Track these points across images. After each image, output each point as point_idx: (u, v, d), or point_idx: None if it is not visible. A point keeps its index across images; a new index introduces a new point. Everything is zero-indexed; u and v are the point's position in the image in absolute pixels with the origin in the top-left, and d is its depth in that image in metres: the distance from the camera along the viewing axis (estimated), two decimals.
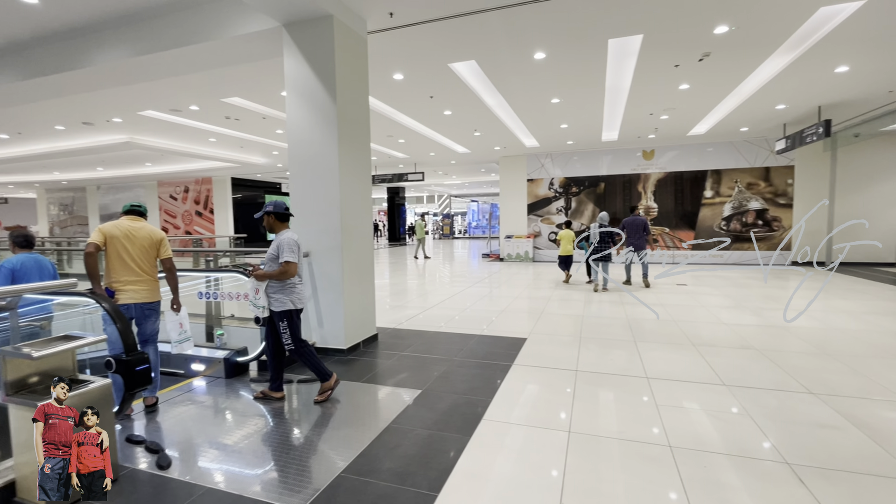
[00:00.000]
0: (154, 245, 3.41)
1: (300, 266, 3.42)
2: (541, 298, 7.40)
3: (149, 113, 8.35)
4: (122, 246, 3.24)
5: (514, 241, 13.54)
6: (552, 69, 6.27)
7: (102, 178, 18.26)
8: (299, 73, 4.35)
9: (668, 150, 12.30)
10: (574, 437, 2.70)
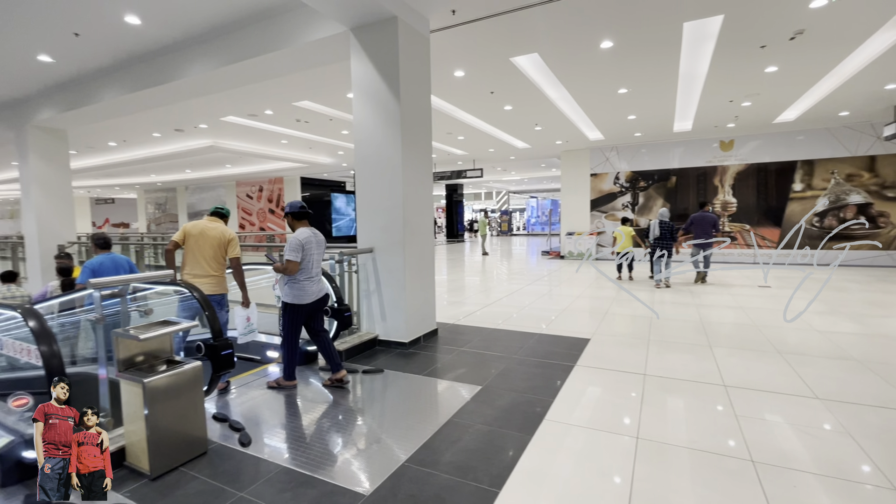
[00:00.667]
0: (223, 244, 3.71)
1: (310, 262, 3.50)
2: (604, 298, 7.12)
3: (230, 118, 9.07)
4: (196, 243, 3.62)
5: (575, 238, 13.12)
6: (620, 58, 5.98)
7: (190, 180, 20.12)
8: (365, 74, 4.50)
9: (749, 139, 11.27)
10: (642, 444, 2.58)
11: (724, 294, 7.19)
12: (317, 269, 3.60)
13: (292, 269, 3.41)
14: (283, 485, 2.27)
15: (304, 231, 3.52)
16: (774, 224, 11.15)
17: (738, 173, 11.51)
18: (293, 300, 3.49)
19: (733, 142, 11.46)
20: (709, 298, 6.78)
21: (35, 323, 2.20)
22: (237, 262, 3.77)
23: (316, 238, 3.56)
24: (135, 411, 2.36)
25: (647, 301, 6.78)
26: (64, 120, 7.79)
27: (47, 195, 8.30)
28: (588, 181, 13.21)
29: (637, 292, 7.57)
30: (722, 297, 6.98)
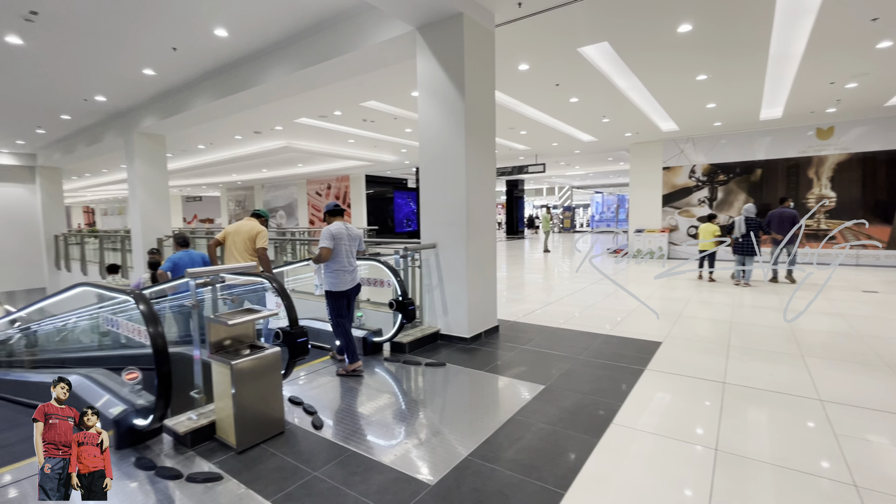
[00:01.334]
0: (252, 238, 4.37)
1: (340, 252, 3.79)
2: (678, 299, 6.69)
3: (302, 120, 9.61)
4: (232, 239, 4.37)
5: (645, 235, 12.43)
6: (700, 43, 5.56)
7: (265, 179, 21.63)
8: (430, 73, 4.57)
9: (853, 125, 10.00)
10: (721, 456, 2.40)
11: (819, 299, 6.46)
12: (349, 259, 3.88)
13: (325, 256, 3.72)
14: (354, 467, 2.39)
15: (336, 224, 3.84)
16: (884, 221, 9.82)
17: (839, 164, 10.26)
18: (332, 287, 3.79)
19: (833, 129, 10.23)
20: (800, 303, 6.13)
21: (144, 306, 2.50)
22: (262, 252, 4.39)
23: (348, 231, 3.86)
24: (224, 390, 2.60)
25: (729, 303, 6.27)
26: (163, 126, 8.69)
27: (149, 194, 9.32)
28: (660, 175, 12.44)
29: (717, 293, 7.03)
30: (816, 301, 6.28)
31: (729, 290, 7.40)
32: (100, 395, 3.06)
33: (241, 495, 2.18)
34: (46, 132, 10.75)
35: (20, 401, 4.96)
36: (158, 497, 2.20)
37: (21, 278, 14.01)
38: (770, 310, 5.87)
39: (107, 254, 12.32)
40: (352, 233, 3.90)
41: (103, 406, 2.88)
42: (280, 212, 23.48)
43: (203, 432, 2.68)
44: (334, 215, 3.91)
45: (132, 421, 2.62)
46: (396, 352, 4.39)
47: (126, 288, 2.77)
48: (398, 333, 4.29)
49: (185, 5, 4.74)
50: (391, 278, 4.27)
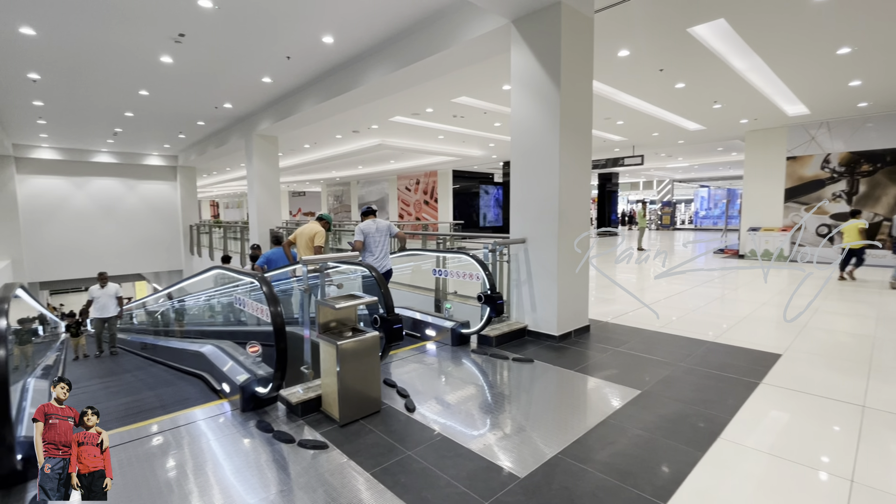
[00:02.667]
0: (311, 237, 5.24)
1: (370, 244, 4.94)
2: (801, 307, 5.88)
3: (396, 118, 10.07)
4: (298, 240, 5.35)
5: (761, 234, 11.04)
6: (842, 10, 4.78)
7: (360, 175, 23.04)
8: (525, 65, 4.51)
9: None
10: (858, 489, 2.09)
11: None
12: (381, 248, 4.98)
13: (358, 246, 4.88)
14: (444, 451, 2.49)
15: (367, 222, 4.97)
16: None
17: None
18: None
19: None
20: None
21: (267, 289, 2.84)
22: (318, 250, 5.24)
23: (376, 225, 4.95)
24: (329, 367, 2.86)
25: (872, 315, 5.36)
26: (276, 128, 9.68)
27: (264, 189, 10.47)
28: (783, 166, 10.95)
29: (859, 302, 6.04)
30: None
31: (873, 298, 6.32)
32: (227, 362, 3.54)
33: (342, 465, 2.40)
34: (186, 136, 12.56)
35: (167, 363, 5.92)
36: (275, 457, 2.50)
37: (165, 261, 16.64)
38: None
39: (229, 242, 14.09)
40: (379, 225, 4.96)
41: (230, 372, 3.33)
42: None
43: (311, 405, 2.98)
44: (367, 215, 5.11)
45: (255, 388, 3.00)
46: (483, 345, 4.45)
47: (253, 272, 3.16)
48: (486, 326, 4.34)
49: (296, 16, 5.22)
50: (480, 272, 4.32)
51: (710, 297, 6.68)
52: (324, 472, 2.34)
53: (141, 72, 6.94)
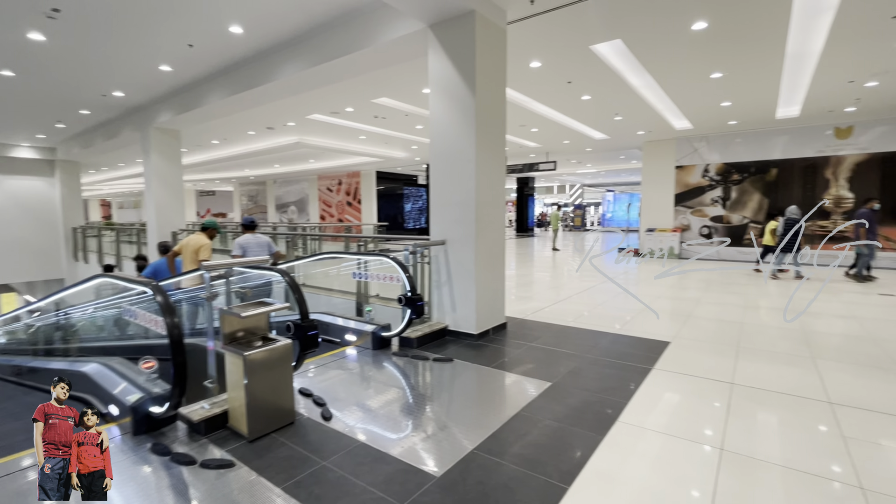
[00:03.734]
0: (196, 251, 5.10)
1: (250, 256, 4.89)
2: (689, 300, 6.66)
3: (314, 116, 9.71)
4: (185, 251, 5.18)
5: (656, 234, 12.33)
6: (715, 40, 5.50)
7: (278, 174, 21.86)
8: (442, 70, 4.59)
9: (873, 125, 9.80)
10: (727, 456, 2.41)
11: (833, 301, 6.38)
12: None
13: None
14: (361, 458, 2.44)
15: (246, 236, 4.96)
16: None
17: (858, 164, 10.07)
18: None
19: (852, 128, 10.03)
20: (814, 306, 6.06)
21: (162, 298, 2.57)
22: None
23: (256, 240, 4.95)
24: (236, 380, 2.67)
25: (741, 304, 6.22)
26: (178, 122, 8.84)
27: (164, 188, 9.50)
28: (672, 174, 12.33)
29: (729, 294, 6.96)
30: (830, 304, 6.20)
31: (747, 293, 7.32)
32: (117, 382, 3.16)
33: (251, 482, 2.25)
34: (66, 126, 11.00)
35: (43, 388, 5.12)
36: (173, 482, 2.27)
37: (40, 269, 14.39)
38: (781, 311, 5.80)
39: (123, 246, 12.58)
40: (258, 240, 4.98)
41: (120, 393, 2.97)
42: (292, 207, 23.72)
43: (216, 421, 2.76)
44: (248, 228, 5.05)
45: (148, 408, 2.70)
46: (405, 346, 4.45)
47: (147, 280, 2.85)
48: (407, 328, 4.34)
49: (201, 2, 4.82)
50: (400, 274, 4.31)
51: (615, 292, 7.30)
52: (230, 491, 2.18)
53: (2, 49, 5.96)
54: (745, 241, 11.35)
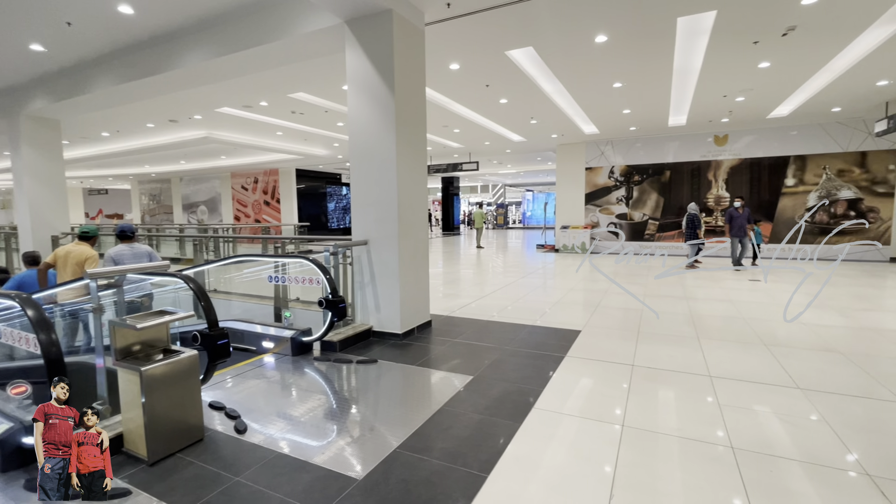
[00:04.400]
0: (81, 264, 4.49)
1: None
2: (597, 291, 7.22)
3: (224, 110, 9.03)
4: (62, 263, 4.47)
5: (570, 231, 13.21)
6: (614, 53, 6.01)
7: (185, 171, 20.01)
8: (360, 67, 4.52)
9: (744, 134, 11.36)
10: (627, 432, 2.66)
11: (714, 288, 7.29)
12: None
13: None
14: (278, 469, 2.33)
15: (120, 247, 4.34)
16: (767, 219, 11.27)
17: (732, 168, 11.61)
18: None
19: (727, 136, 11.54)
20: (700, 292, 6.88)
21: (34, 312, 2.24)
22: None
23: (132, 251, 4.35)
24: (132, 399, 2.41)
25: (642, 293, 6.87)
26: (57, 110, 7.73)
27: (40, 185, 8.26)
28: (583, 175, 13.27)
29: (634, 284, 7.66)
30: (713, 290, 7.08)
31: (646, 283, 8.08)
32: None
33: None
34: None
35: None
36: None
37: None
38: (674, 299, 6.51)
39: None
40: (135, 251, 4.35)
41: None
42: (201, 207, 21.89)
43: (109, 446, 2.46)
44: (123, 238, 4.40)
45: (21, 439, 2.34)
46: (327, 350, 4.32)
47: (12, 292, 2.46)
48: (328, 332, 4.22)
49: None
50: (320, 276, 4.17)
51: (534, 286, 7.71)
52: None
53: None
54: (645, 235, 12.59)
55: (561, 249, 13.31)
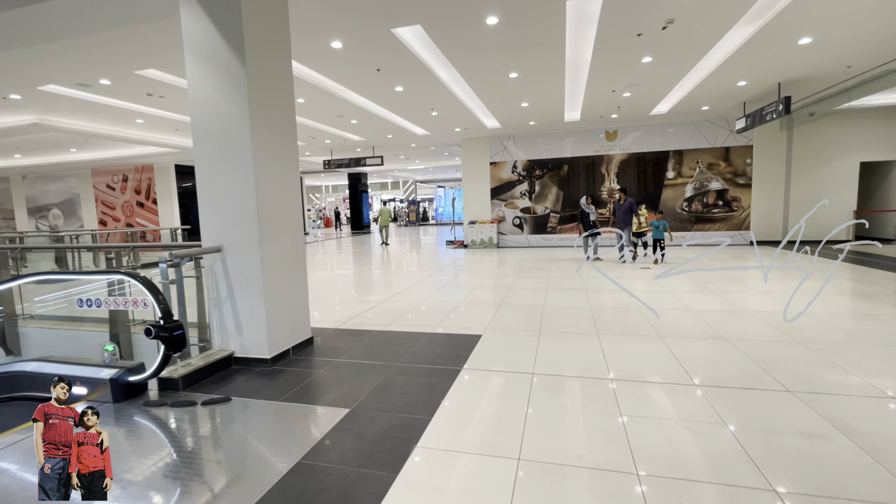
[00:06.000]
0: None
1: None
2: (502, 287, 6.95)
3: (52, 88, 7.23)
4: None
5: (477, 226, 13.06)
6: (507, 37, 5.68)
7: (25, 167, 16.48)
8: (199, 29, 3.59)
9: (630, 130, 12.04)
10: (525, 468, 2.20)
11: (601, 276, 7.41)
12: None
13: None
14: None
15: None
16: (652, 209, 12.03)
17: (622, 162, 12.24)
18: None
19: (617, 132, 12.14)
20: (595, 283, 6.93)
21: None
22: None
23: None
24: None
25: (546, 290, 6.72)
26: None
27: None
28: (488, 169, 13.19)
29: (536, 279, 7.53)
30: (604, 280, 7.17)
31: (547, 276, 8.02)
32: None
33: None
34: None
35: None
36: None
37: None
38: (575, 291, 6.44)
39: None
40: None
41: None
42: (54, 211, 18.31)
43: None
44: None
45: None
46: (168, 390, 3.36)
47: None
48: (164, 367, 3.26)
49: None
50: (148, 297, 3.20)
51: (439, 285, 7.23)
52: None
53: None
54: (548, 228, 12.86)
55: (470, 245, 13.12)
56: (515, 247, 12.84)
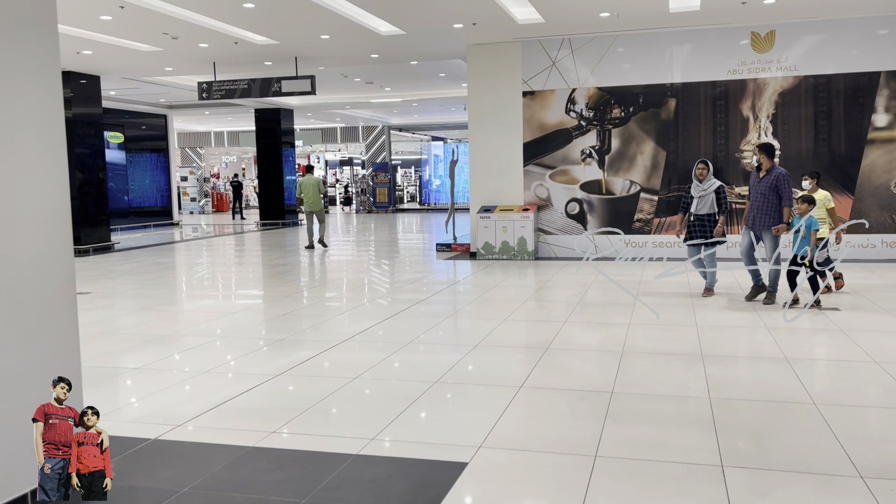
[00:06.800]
0: None
1: None
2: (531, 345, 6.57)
3: None
4: None
5: (496, 218, 12.48)
6: None
7: None
8: None
9: (802, 32, 11.54)
10: None
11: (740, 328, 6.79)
12: None
13: None
14: None
15: None
16: (843, 188, 11.33)
17: (784, 93, 11.67)
18: None
19: (774, 33, 11.64)
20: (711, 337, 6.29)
21: None
22: None
23: None
24: None
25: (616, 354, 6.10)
26: None
27: None
28: (520, 104, 12.76)
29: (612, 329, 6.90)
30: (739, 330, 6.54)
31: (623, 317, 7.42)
32: None
33: None
34: None
35: None
36: None
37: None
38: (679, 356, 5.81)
39: None
40: None
41: None
42: None
43: None
44: None
45: None
46: None
47: None
48: None
49: None
50: None
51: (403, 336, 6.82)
52: None
53: None
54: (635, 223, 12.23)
55: (481, 252, 12.54)
56: (569, 258, 12.19)
